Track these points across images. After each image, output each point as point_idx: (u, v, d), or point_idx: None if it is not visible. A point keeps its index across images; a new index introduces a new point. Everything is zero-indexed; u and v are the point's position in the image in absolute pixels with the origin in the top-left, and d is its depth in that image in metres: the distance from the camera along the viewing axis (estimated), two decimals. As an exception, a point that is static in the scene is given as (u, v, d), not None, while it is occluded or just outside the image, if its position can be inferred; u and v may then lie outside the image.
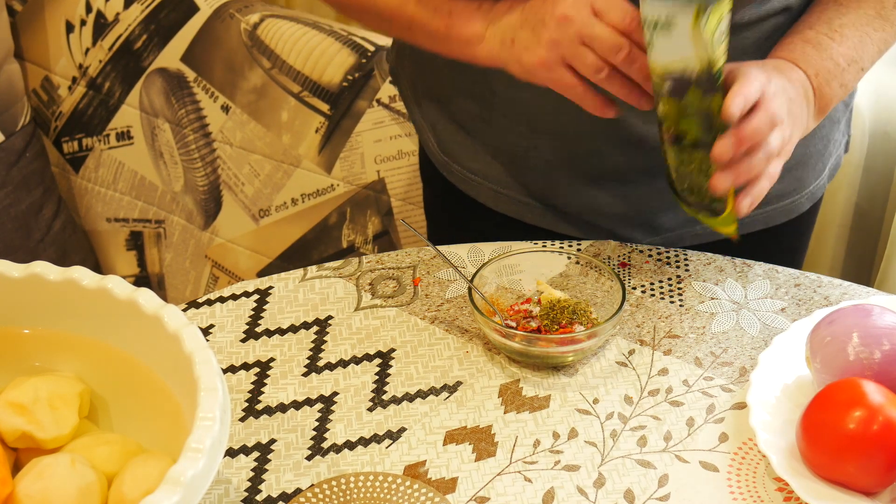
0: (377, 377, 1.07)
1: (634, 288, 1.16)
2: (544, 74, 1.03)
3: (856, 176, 1.75)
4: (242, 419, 1.03)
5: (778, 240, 1.29)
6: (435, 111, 1.29)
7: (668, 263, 1.19)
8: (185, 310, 1.15)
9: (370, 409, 1.04)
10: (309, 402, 1.05)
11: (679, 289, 1.16)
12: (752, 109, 0.99)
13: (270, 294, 1.16)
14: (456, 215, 1.35)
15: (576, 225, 1.25)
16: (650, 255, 1.20)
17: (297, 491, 0.97)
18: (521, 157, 1.23)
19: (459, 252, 1.21)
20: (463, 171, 1.28)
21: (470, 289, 1.08)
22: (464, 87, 1.23)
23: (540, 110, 1.19)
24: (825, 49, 1.08)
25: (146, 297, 0.90)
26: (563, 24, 1.00)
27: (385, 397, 1.05)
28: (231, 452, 1.00)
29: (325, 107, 1.68)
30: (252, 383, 1.07)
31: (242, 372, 1.08)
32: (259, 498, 0.96)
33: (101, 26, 1.78)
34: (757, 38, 1.14)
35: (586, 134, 1.18)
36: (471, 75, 1.19)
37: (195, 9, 1.75)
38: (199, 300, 1.16)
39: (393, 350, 1.10)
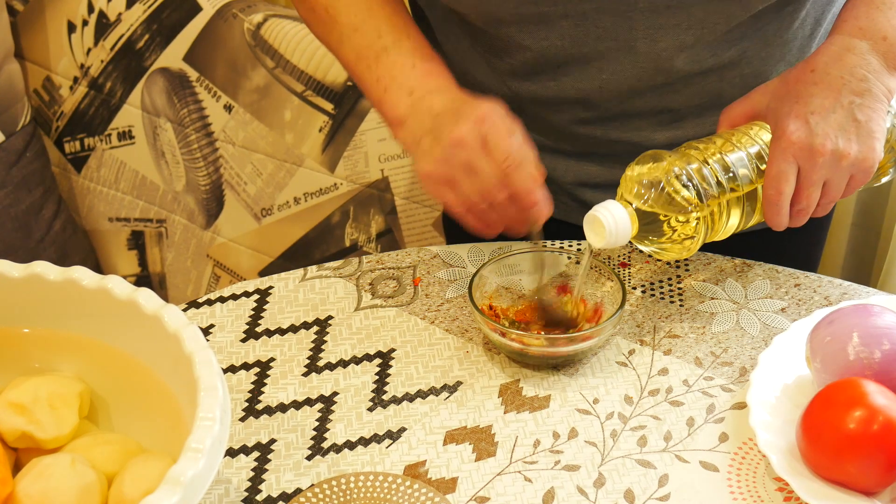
0: (377, 377, 1.07)
1: (634, 288, 1.16)
2: (429, 186, 1.05)
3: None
4: (242, 419, 1.04)
5: (794, 242, 1.29)
6: None
7: (668, 263, 1.18)
8: (185, 310, 1.15)
9: (370, 409, 1.04)
10: (309, 402, 1.05)
11: (679, 289, 1.16)
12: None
13: (270, 294, 1.17)
14: None
15: None
16: (650, 256, 1.19)
17: (297, 491, 0.97)
18: (549, 152, 1.23)
19: (459, 252, 1.21)
20: None
21: (470, 288, 1.08)
22: (487, 89, 1.23)
23: (564, 129, 1.20)
24: (890, 7, 1.07)
25: (146, 296, 0.90)
26: (455, 148, 1.02)
27: (385, 397, 1.05)
28: (231, 452, 1.00)
29: (328, 106, 1.68)
30: (252, 383, 1.07)
31: (242, 372, 1.08)
32: (259, 498, 0.96)
33: (104, 26, 1.78)
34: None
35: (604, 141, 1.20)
36: (495, 89, 1.19)
37: (198, 9, 1.75)
38: (199, 300, 1.16)
39: (393, 350, 1.10)
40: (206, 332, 1.12)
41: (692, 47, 1.11)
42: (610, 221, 1.02)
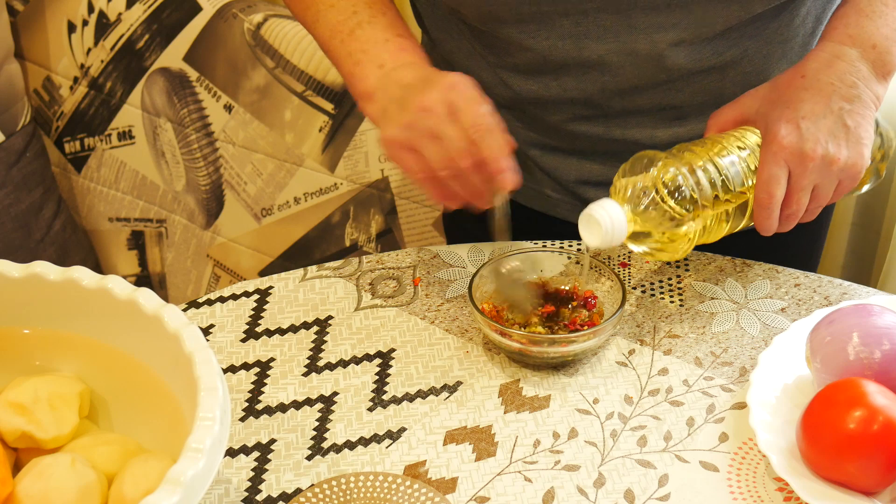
0: (377, 377, 1.07)
1: (634, 288, 1.16)
2: (391, 152, 1.05)
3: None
4: (242, 419, 1.04)
5: (794, 242, 1.28)
6: None
7: (668, 263, 1.18)
8: (185, 310, 1.15)
9: (370, 409, 1.04)
10: (309, 402, 1.05)
11: (679, 289, 1.16)
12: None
13: (270, 294, 1.17)
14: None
15: None
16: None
17: (297, 491, 0.97)
18: (550, 150, 1.23)
19: (459, 252, 1.21)
20: None
21: (470, 288, 1.08)
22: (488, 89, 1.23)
23: (565, 128, 1.20)
24: (880, 16, 1.08)
25: (146, 296, 0.90)
26: (421, 113, 1.02)
27: (385, 397, 1.05)
28: (231, 452, 1.00)
29: (328, 106, 1.68)
30: (252, 383, 1.07)
31: (242, 372, 1.08)
32: (259, 498, 0.96)
33: (104, 26, 1.78)
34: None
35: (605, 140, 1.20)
36: (495, 88, 1.19)
37: (198, 9, 1.75)
38: (199, 300, 1.16)
39: (393, 350, 1.10)
40: (206, 332, 1.12)
41: (692, 46, 1.11)
42: (606, 219, 1.02)
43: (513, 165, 1.03)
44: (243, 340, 1.12)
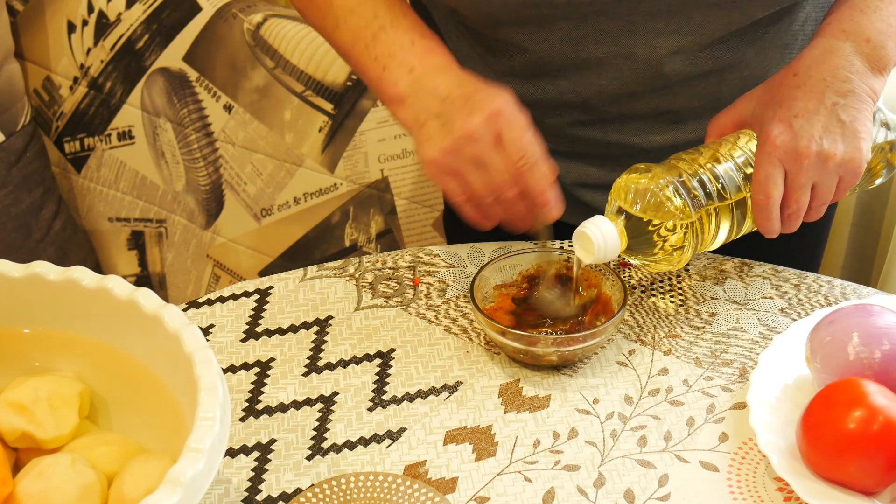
0: (377, 377, 1.07)
1: (634, 288, 1.16)
2: (433, 174, 1.04)
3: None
4: (242, 419, 1.04)
5: (794, 242, 1.28)
6: None
7: (669, 263, 1.19)
8: (185, 310, 1.15)
9: (370, 409, 1.04)
10: (309, 402, 1.05)
11: (679, 289, 1.16)
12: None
13: (270, 294, 1.17)
14: None
15: None
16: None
17: (297, 491, 0.97)
18: (552, 154, 1.23)
19: (459, 252, 1.21)
20: None
21: (472, 289, 1.08)
22: (519, 86, 1.23)
23: (563, 132, 1.20)
24: (874, 11, 1.07)
25: (146, 296, 0.90)
26: (465, 140, 1.01)
27: (385, 397, 1.05)
28: (231, 452, 1.00)
29: (328, 106, 1.68)
30: (252, 383, 1.07)
31: (242, 372, 1.08)
32: (259, 498, 0.96)
33: (104, 26, 1.78)
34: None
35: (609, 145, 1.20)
36: (529, 77, 1.19)
37: (198, 9, 1.75)
38: (199, 300, 1.16)
39: (393, 350, 1.10)
40: (206, 332, 1.12)
41: (691, 51, 1.11)
42: (598, 237, 1.02)
43: (556, 197, 1.04)
44: (243, 340, 1.12)
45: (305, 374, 1.08)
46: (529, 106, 1.18)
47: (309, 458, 1.00)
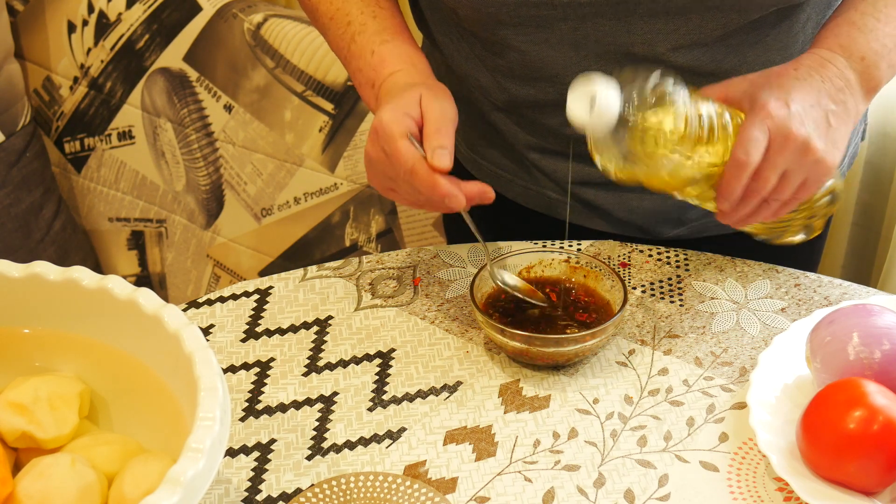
0: (377, 377, 1.07)
1: (634, 288, 1.16)
2: (380, 192, 1.08)
3: (857, 176, 1.75)
4: (242, 419, 1.04)
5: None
6: (463, 111, 1.28)
7: (668, 263, 1.19)
8: (185, 310, 1.15)
9: (370, 409, 1.04)
10: (309, 402, 1.05)
11: (679, 289, 1.16)
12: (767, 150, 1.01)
13: (270, 294, 1.17)
14: (483, 210, 1.35)
15: (606, 220, 1.25)
16: (650, 255, 1.20)
17: (297, 491, 0.97)
18: (549, 154, 1.23)
19: (459, 252, 1.21)
20: (492, 168, 1.28)
21: (472, 289, 1.08)
22: (486, 92, 1.23)
23: (562, 132, 1.20)
24: (871, 31, 1.07)
25: (146, 296, 0.90)
26: (369, 164, 1.06)
27: (385, 397, 1.05)
28: (231, 452, 1.00)
29: (328, 106, 1.68)
30: (252, 383, 1.07)
31: (242, 372, 1.08)
32: (259, 498, 0.96)
33: (104, 26, 1.78)
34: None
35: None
36: (493, 92, 1.19)
37: (198, 9, 1.75)
38: (200, 300, 1.16)
39: (393, 350, 1.10)
40: (206, 332, 1.12)
41: (690, 52, 1.11)
42: (601, 94, 0.97)
43: (450, 189, 1.02)
44: (243, 340, 1.12)
45: (305, 374, 1.08)
46: (529, 107, 1.19)
47: (309, 458, 1.00)
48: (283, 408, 1.05)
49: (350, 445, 1.01)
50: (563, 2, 1.07)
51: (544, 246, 1.19)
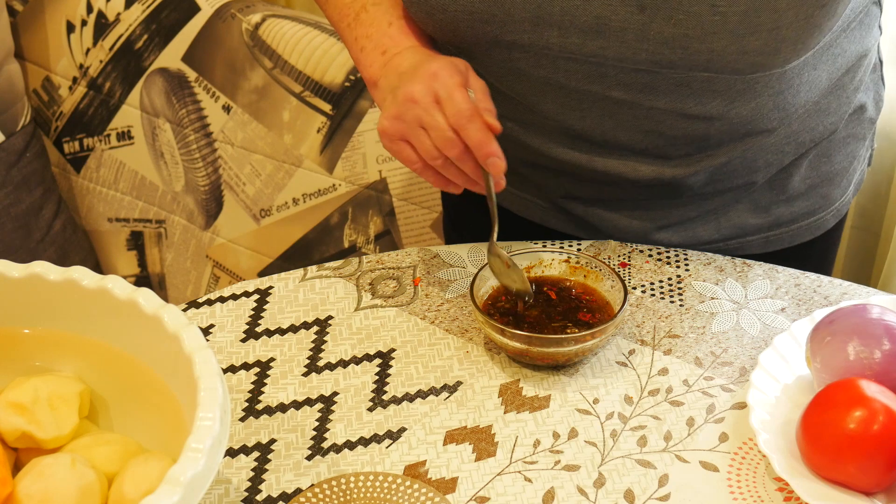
0: (377, 377, 1.07)
1: (634, 288, 1.16)
2: (386, 143, 1.06)
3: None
4: (242, 419, 1.04)
5: (804, 256, 1.28)
6: None
7: (668, 263, 1.19)
8: (185, 310, 1.15)
9: (370, 409, 1.04)
10: (309, 402, 1.05)
11: (679, 289, 1.16)
12: None
13: (270, 294, 1.16)
14: (480, 219, 1.35)
15: (596, 235, 1.25)
16: (650, 255, 1.20)
17: (297, 491, 0.97)
18: (539, 168, 1.22)
19: (459, 252, 1.21)
20: None
21: (472, 288, 1.08)
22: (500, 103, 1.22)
23: (548, 153, 1.19)
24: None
25: (146, 297, 0.90)
26: (407, 104, 1.02)
27: (385, 397, 1.05)
28: (231, 452, 1.00)
29: (326, 107, 1.68)
30: (252, 383, 1.07)
31: (242, 372, 1.08)
32: (259, 498, 0.96)
33: (102, 26, 1.78)
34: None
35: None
36: (509, 96, 1.18)
37: (196, 9, 1.75)
38: (199, 300, 1.16)
39: (393, 350, 1.10)
40: (206, 332, 1.12)
41: (672, 102, 1.10)
42: None
43: (498, 151, 1.03)
44: (243, 340, 1.12)
45: (305, 374, 1.08)
46: (515, 122, 1.17)
47: (309, 458, 1.00)
48: (283, 408, 1.05)
49: (350, 445, 1.01)
50: (525, 42, 1.06)
51: (544, 246, 1.19)
